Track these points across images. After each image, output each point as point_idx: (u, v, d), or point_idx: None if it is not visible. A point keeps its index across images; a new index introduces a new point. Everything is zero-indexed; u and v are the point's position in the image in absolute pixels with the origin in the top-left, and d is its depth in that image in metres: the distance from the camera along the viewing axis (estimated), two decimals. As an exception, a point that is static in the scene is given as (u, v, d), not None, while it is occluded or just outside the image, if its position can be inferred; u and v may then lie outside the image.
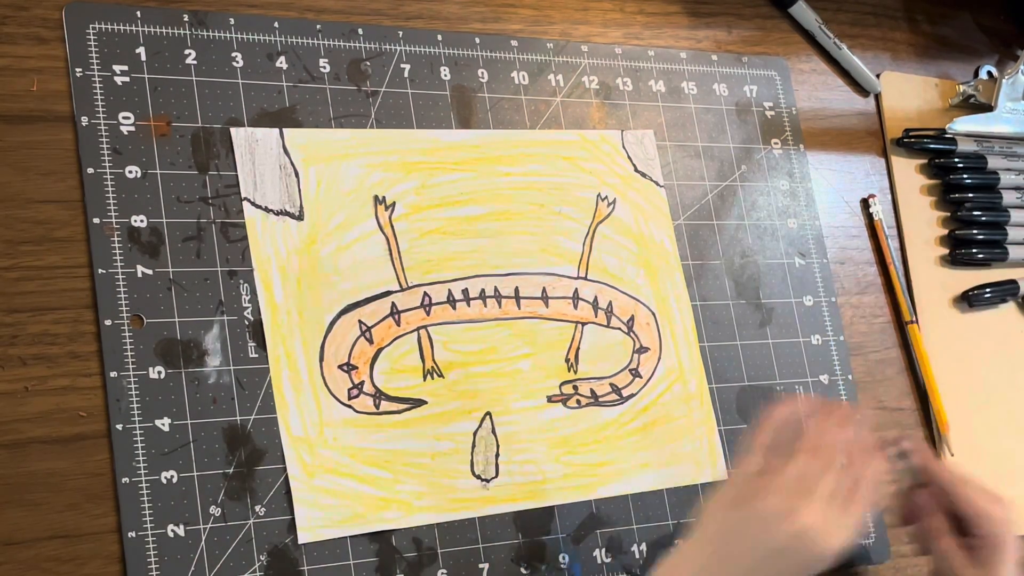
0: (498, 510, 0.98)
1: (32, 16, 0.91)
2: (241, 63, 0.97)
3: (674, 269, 1.12)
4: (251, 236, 0.95)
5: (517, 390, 1.02)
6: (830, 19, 1.28)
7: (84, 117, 0.90)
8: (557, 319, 1.06)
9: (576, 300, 1.07)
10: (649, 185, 1.13)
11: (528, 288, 1.05)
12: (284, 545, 0.90)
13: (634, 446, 1.06)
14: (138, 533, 0.86)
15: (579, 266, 1.08)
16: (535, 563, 0.99)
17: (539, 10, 1.12)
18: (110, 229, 0.89)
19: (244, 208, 0.95)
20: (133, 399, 0.87)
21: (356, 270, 0.98)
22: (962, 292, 1.28)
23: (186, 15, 0.96)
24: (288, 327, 0.94)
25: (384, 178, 1.01)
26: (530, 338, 1.04)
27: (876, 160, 1.29)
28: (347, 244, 0.98)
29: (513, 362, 1.03)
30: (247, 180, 0.96)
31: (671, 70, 1.17)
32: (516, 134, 1.08)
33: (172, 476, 0.87)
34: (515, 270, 1.05)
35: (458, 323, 1.02)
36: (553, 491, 1.01)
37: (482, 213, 1.04)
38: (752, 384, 1.11)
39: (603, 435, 1.05)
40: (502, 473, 1.00)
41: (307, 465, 0.92)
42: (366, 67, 1.02)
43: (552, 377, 1.04)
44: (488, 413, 1.01)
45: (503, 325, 1.03)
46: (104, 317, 0.88)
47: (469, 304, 1.02)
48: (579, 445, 1.04)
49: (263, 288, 0.94)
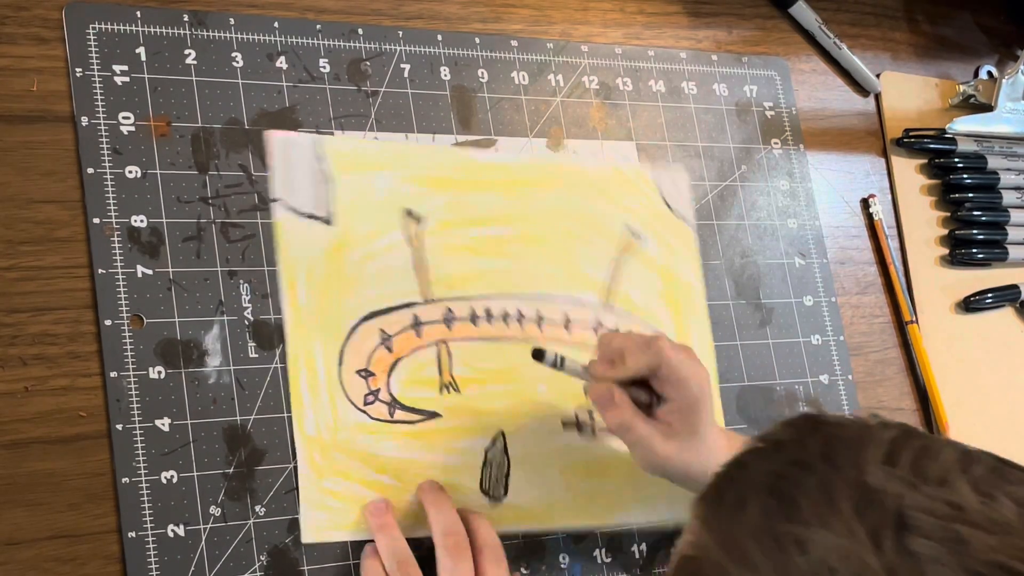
0: (505, 530, 0.97)
1: (32, 16, 0.91)
2: (241, 63, 0.97)
3: (700, 309, 1.11)
4: (279, 236, 0.95)
5: (533, 412, 1.02)
6: (830, 19, 1.28)
7: (84, 117, 0.90)
8: (578, 345, 1.05)
9: (598, 328, 1.06)
10: (680, 224, 1.12)
11: (551, 312, 1.05)
12: (284, 545, 0.90)
13: (647, 478, 1.04)
14: (138, 533, 0.86)
15: (603, 295, 1.07)
16: (535, 563, 0.99)
17: (539, 10, 1.12)
18: (110, 229, 0.89)
19: (274, 209, 0.95)
20: (133, 399, 0.87)
21: (381, 279, 0.98)
22: (963, 298, 1.28)
23: (186, 15, 0.96)
24: (309, 328, 0.94)
25: (416, 192, 1.01)
26: None
27: (876, 160, 1.29)
28: (375, 253, 0.98)
29: (531, 384, 1.02)
30: (280, 182, 0.96)
31: (671, 70, 1.17)
32: (550, 160, 1.08)
33: (172, 476, 0.87)
34: (539, 293, 1.05)
35: (478, 340, 1.01)
36: (562, 516, 1.00)
37: (510, 234, 1.04)
38: (752, 384, 1.11)
39: (616, 465, 1.04)
40: (512, 494, 0.99)
41: (317, 466, 0.92)
42: (366, 67, 1.02)
43: (569, 403, 1.03)
44: (502, 432, 1.00)
45: (524, 347, 1.03)
46: (104, 317, 0.88)
47: (491, 323, 1.02)
48: (592, 472, 1.03)
49: (287, 288, 0.94)
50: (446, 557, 0.91)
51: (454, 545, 0.91)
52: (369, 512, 0.93)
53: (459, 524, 0.92)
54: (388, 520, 0.93)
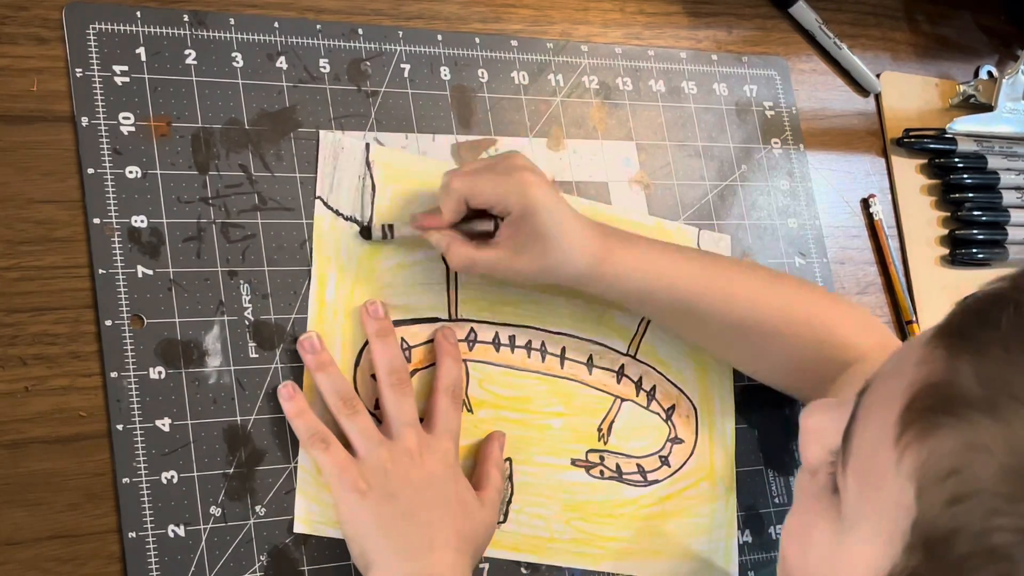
0: (498, 555, 0.97)
1: (32, 16, 0.91)
2: (241, 63, 0.97)
3: (725, 373, 1.11)
4: (316, 233, 0.96)
5: (543, 445, 1.02)
6: (830, 19, 1.28)
7: (84, 117, 0.90)
8: (598, 388, 1.05)
9: (620, 375, 1.06)
10: None
11: (575, 351, 1.05)
12: (284, 545, 0.90)
13: (649, 530, 1.04)
14: (138, 533, 0.85)
15: (630, 345, 1.07)
16: (536, 564, 0.99)
17: (539, 10, 1.12)
18: (110, 229, 0.89)
19: (316, 206, 0.96)
20: (133, 399, 0.87)
21: (411, 290, 0.98)
22: (963, 298, 1.27)
23: (186, 15, 0.96)
24: (331, 325, 0.94)
25: None
26: (566, 399, 1.04)
27: (876, 160, 1.29)
28: (408, 264, 0.98)
29: (544, 417, 1.02)
30: (325, 181, 0.97)
31: (671, 70, 1.17)
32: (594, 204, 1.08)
33: (172, 476, 0.87)
34: (566, 331, 1.05)
35: (498, 366, 1.01)
36: (557, 552, 1.00)
37: None
38: (751, 384, 1.11)
39: (620, 512, 1.03)
40: (510, 520, 0.99)
41: None
42: (366, 67, 1.02)
43: (581, 442, 1.03)
44: (509, 459, 1.00)
45: (542, 380, 1.03)
46: (104, 317, 0.88)
47: (513, 351, 1.02)
48: (593, 514, 1.02)
49: (317, 284, 0.95)
50: (391, 392, 0.92)
51: (398, 382, 0.92)
52: (303, 348, 0.93)
53: (402, 360, 0.93)
54: (325, 358, 0.93)
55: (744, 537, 1.09)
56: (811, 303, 1.03)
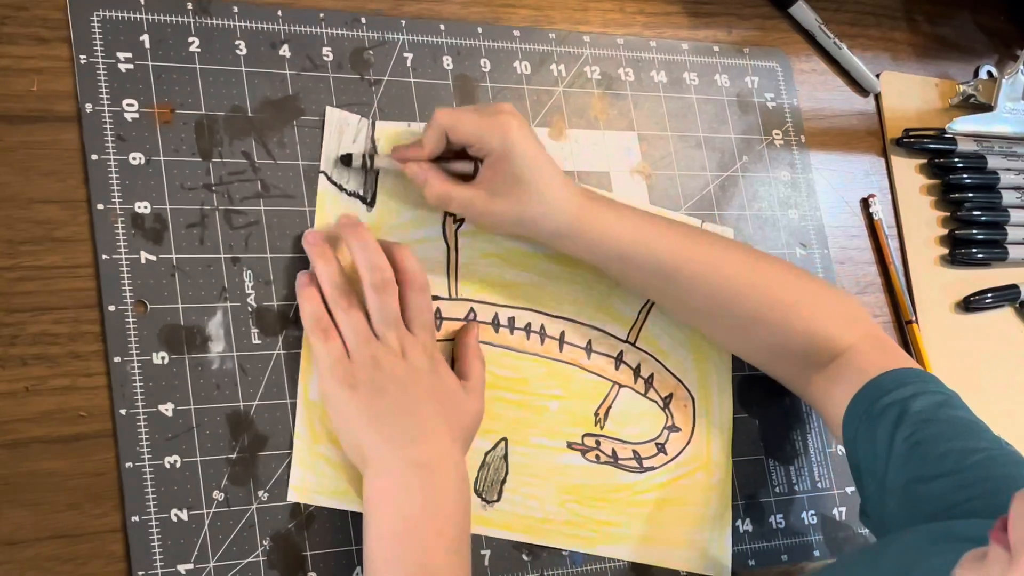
0: (491, 533, 0.98)
1: (32, 16, 0.91)
2: (244, 51, 0.97)
3: (724, 363, 1.11)
4: (319, 210, 0.96)
5: (539, 426, 1.02)
6: (830, 19, 1.28)
7: (88, 104, 0.91)
8: (596, 373, 1.05)
9: (619, 362, 1.07)
10: None
11: (574, 335, 1.05)
12: (287, 530, 0.90)
13: (642, 517, 1.04)
14: (141, 517, 0.85)
15: (629, 332, 1.07)
16: (536, 550, 0.99)
17: (539, 10, 1.12)
18: (114, 215, 0.89)
19: (320, 181, 0.97)
20: (137, 384, 0.87)
21: None
22: (963, 298, 1.28)
23: (190, 3, 0.96)
24: None
25: None
26: (564, 382, 1.04)
27: (876, 160, 1.29)
28: (409, 242, 0.98)
29: (542, 399, 1.02)
30: (329, 157, 0.97)
31: (673, 60, 1.17)
32: None
33: (175, 461, 0.87)
34: (566, 315, 1.05)
35: (497, 347, 1.01)
36: (551, 532, 1.00)
37: (546, 253, 1.04)
38: (752, 374, 1.11)
39: (614, 496, 1.03)
40: (504, 500, 0.99)
41: (315, 431, 0.92)
42: (369, 56, 1.02)
43: (577, 425, 1.03)
44: (504, 439, 1.00)
45: (540, 362, 1.03)
46: (108, 303, 0.88)
47: (512, 332, 1.02)
48: (588, 498, 1.02)
49: None
50: (373, 293, 0.92)
51: (380, 281, 0.92)
52: (306, 241, 0.94)
53: (384, 259, 0.93)
54: (326, 249, 0.94)
55: (745, 526, 1.08)
56: (798, 288, 1.04)
